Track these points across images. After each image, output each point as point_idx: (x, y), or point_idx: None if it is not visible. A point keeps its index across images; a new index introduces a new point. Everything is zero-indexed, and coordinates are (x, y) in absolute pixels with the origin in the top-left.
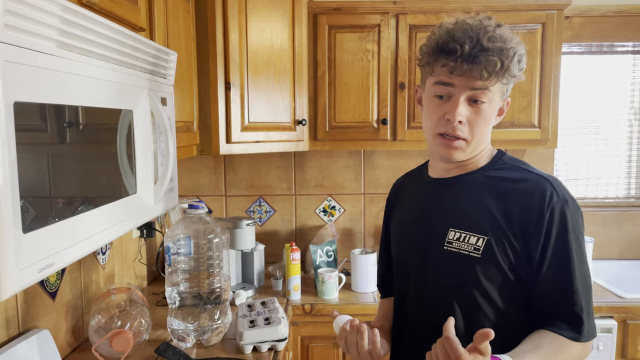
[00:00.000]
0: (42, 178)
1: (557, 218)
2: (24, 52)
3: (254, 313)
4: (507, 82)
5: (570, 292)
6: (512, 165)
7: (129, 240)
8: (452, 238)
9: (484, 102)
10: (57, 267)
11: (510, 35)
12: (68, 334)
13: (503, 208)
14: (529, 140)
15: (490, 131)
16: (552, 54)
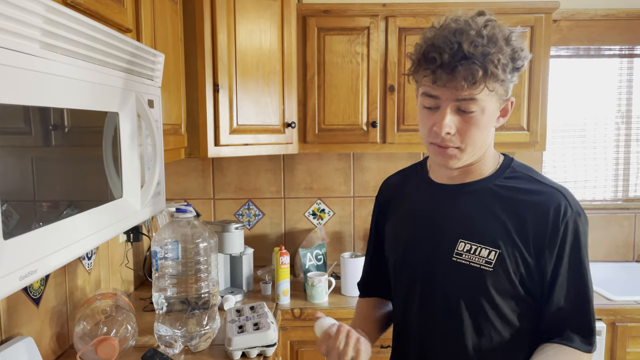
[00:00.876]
0: (25, 182)
1: (571, 232)
2: (6, 53)
3: (242, 318)
4: (501, 85)
5: (586, 304)
6: (524, 175)
7: (115, 245)
8: (461, 249)
9: (473, 111)
10: (41, 274)
11: (501, 33)
12: (52, 341)
13: (516, 221)
14: (517, 143)
15: (492, 134)
16: (540, 57)
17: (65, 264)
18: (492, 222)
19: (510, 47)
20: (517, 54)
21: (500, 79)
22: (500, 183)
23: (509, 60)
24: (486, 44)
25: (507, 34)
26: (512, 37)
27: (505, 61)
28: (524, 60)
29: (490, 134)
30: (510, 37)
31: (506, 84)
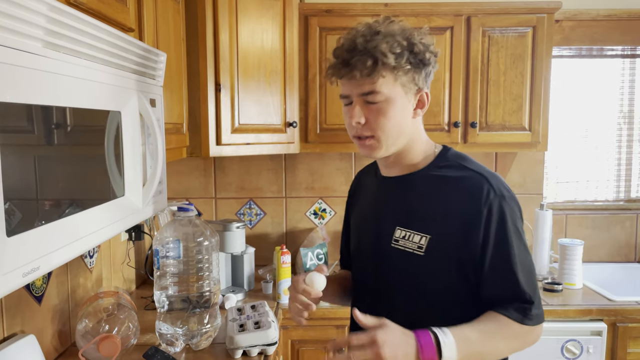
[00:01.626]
0: (28, 180)
1: (495, 213)
2: (9, 52)
3: (243, 317)
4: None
5: (514, 280)
6: (455, 163)
7: (117, 244)
8: (398, 236)
9: (379, 101)
10: (43, 271)
11: (399, 29)
12: (54, 339)
13: (444, 207)
14: (519, 144)
15: (413, 125)
16: (542, 57)
17: (67, 262)
18: (425, 209)
19: (408, 40)
20: (417, 47)
21: (393, 66)
22: (434, 173)
23: (404, 50)
24: (378, 39)
25: (407, 29)
26: (414, 33)
27: (398, 50)
28: (427, 54)
29: (408, 124)
30: (409, 32)
31: (409, 74)
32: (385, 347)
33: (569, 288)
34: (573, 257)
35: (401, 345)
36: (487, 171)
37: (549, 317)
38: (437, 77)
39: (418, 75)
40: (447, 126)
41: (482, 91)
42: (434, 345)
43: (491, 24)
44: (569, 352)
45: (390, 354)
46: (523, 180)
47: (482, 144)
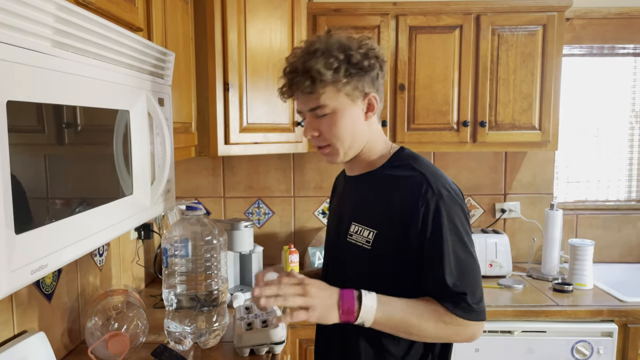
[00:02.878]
0: (38, 179)
1: (432, 211)
2: (18, 51)
3: (251, 316)
4: (344, 85)
5: (442, 278)
6: (405, 163)
7: (127, 242)
8: (352, 231)
9: (326, 113)
10: (51, 269)
11: (339, 42)
12: (64, 336)
13: (389, 204)
14: (529, 143)
15: (369, 128)
16: (552, 56)
17: (76, 260)
18: (375, 206)
19: (344, 52)
20: (354, 57)
21: (331, 81)
22: (386, 172)
23: (341, 63)
24: (314, 57)
25: (344, 42)
26: (352, 44)
27: (335, 65)
28: (366, 61)
29: (361, 129)
30: (347, 44)
31: (351, 83)
32: (312, 287)
33: (579, 289)
34: (583, 258)
35: (325, 290)
36: (432, 171)
37: (559, 317)
38: (445, 75)
39: (361, 82)
40: (456, 125)
41: (491, 90)
42: (355, 298)
43: (501, 23)
44: (579, 353)
45: (314, 293)
46: (533, 180)
47: (492, 143)
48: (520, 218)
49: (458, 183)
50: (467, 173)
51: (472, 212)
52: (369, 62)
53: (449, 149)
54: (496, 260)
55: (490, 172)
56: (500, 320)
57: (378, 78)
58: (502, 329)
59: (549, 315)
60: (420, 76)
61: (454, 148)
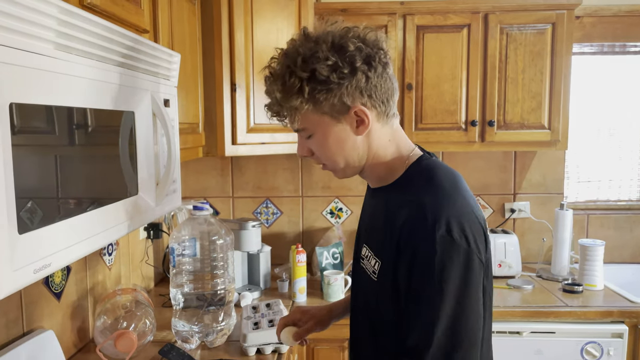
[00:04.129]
0: (43, 179)
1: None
2: (20, 54)
3: (258, 315)
4: (317, 105)
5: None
6: (417, 181)
7: (136, 242)
8: (363, 255)
9: (310, 135)
10: (54, 268)
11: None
12: (73, 335)
13: (391, 234)
14: (538, 142)
15: (369, 141)
16: (562, 54)
17: (83, 259)
18: (381, 232)
19: (307, 69)
20: (319, 73)
21: (299, 106)
22: (397, 191)
23: (304, 84)
24: (274, 82)
25: (308, 56)
26: (317, 56)
27: (297, 87)
28: (334, 74)
29: (355, 145)
30: (311, 58)
31: (324, 102)
32: None
33: (590, 289)
34: (594, 258)
35: None
36: (443, 196)
37: (569, 318)
38: (453, 75)
39: (338, 96)
40: (464, 125)
41: (500, 89)
42: None
43: (509, 21)
44: (589, 355)
45: None
46: (543, 180)
47: (500, 142)
48: (530, 218)
49: (467, 182)
50: (476, 173)
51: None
52: (340, 73)
53: (457, 148)
54: (505, 260)
55: (500, 171)
56: (508, 321)
57: (367, 81)
58: (511, 329)
59: (558, 316)
60: (428, 75)
61: (462, 148)
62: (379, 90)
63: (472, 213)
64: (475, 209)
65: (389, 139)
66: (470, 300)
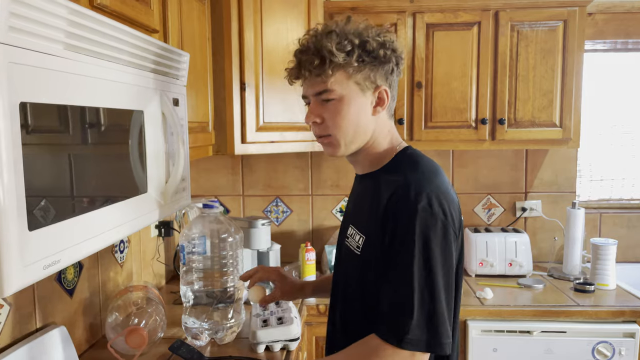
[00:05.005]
0: (54, 177)
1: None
2: (30, 54)
3: (267, 312)
4: (356, 71)
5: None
6: (402, 166)
7: (147, 239)
8: (348, 234)
9: (332, 99)
10: (64, 264)
11: (356, 28)
12: (85, 331)
13: (377, 210)
14: (550, 140)
15: (376, 123)
16: (573, 51)
17: (94, 256)
18: (367, 211)
19: (360, 37)
20: (369, 44)
21: (342, 64)
22: (384, 175)
23: (355, 47)
24: (329, 38)
25: (361, 28)
26: (369, 31)
27: (349, 48)
28: (381, 51)
29: (367, 122)
30: (364, 30)
31: (363, 71)
32: None
33: (601, 289)
34: (606, 257)
35: None
36: (424, 178)
37: (580, 317)
38: (463, 73)
39: (374, 72)
40: (474, 123)
41: (510, 87)
42: None
43: (520, 19)
44: (600, 354)
45: None
46: (555, 178)
47: (511, 140)
48: (541, 217)
49: (477, 181)
50: (487, 171)
51: (492, 210)
52: (384, 52)
53: (467, 147)
54: (516, 259)
55: (511, 170)
56: (518, 320)
57: (392, 73)
58: (521, 329)
59: (569, 315)
60: (438, 74)
61: (472, 146)
62: (394, 86)
63: (449, 194)
64: (452, 193)
65: (388, 130)
66: (442, 268)
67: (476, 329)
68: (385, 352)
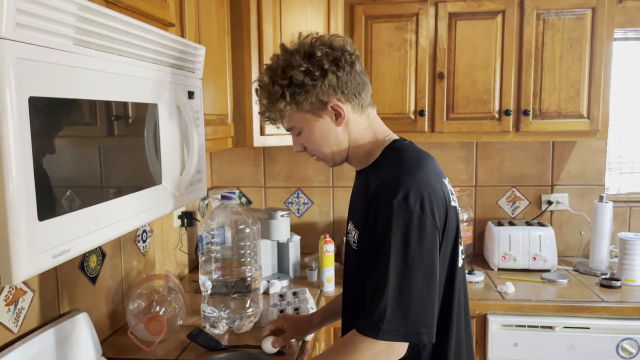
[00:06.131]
0: (66, 168)
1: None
2: (39, 50)
3: (284, 303)
4: (298, 105)
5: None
6: (388, 160)
7: (170, 229)
8: (349, 229)
9: (299, 133)
10: (74, 253)
11: (281, 66)
12: (109, 317)
13: (365, 206)
14: (576, 132)
15: (348, 131)
16: (602, 40)
17: (101, 245)
18: (358, 206)
19: (285, 75)
20: (295, 78)
21: (284, 108)
22: (371, 171)
23: (284, 89)
24: (262, 93)
25: (285, 64)
26: (291, 63)
27: (280, 92)
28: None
29: (338, 136)
30: (287, 65)
31: (304, 102)
32: None
33: (628, 284)
34: (634, 252)
35: None
36: (406, 171)
37: (604, 313)
38: (487, 63)
39: (315, 95)
40: (497, 114)
41: (535, 77)
42: None
43: (546, 7)
44: (625, 351)
45: None
46: (583, 171)
47: (536, 132)
48: (568, 210)
49: (502, 174)
50: (512, 163)
51: (517, 203)
52: (312, 76)
53: (489, 138)
54: (540, 253)
55: (537, 162)
56: (540, 315)
57: (339, 79)
58: (543, 324)
59: (593, 311)
60: (460, 64)
61: (495, 138)
62: (349, 86)
63: (430, 186)
64: (435, 185)
65: (366, 126)
66: (420, 261)
67: (496, 323)
68: (363, 344)
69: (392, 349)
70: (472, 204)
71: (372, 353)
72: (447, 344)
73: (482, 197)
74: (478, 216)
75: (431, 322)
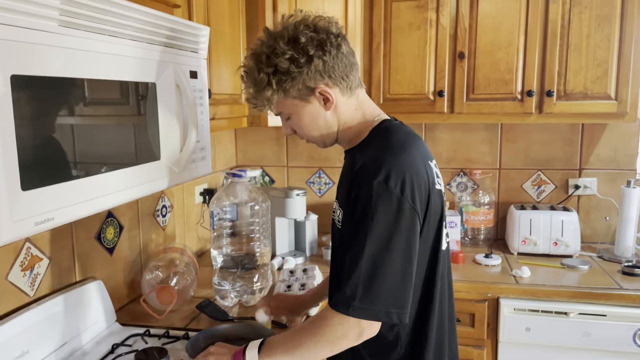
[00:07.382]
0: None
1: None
2: (21, 31)
3: (292, 278)
4: (286, 91)
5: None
6: (375, 140)
7: (192, 205)
8: (334, 208)
9: (288, 116)
10: (58, 222)
11: (266, 54)
12: (126, 286)
13: (350, 185)
14: (603, 114)
15: (337, 115)
16: (633, 18)
17: (87, 216)
18: (344, 186)
19: (270, 64)
20: (280, 65)
21: (272, 95)
22: (357, 151)
23: (270, 77)
24: (247, 80)
25: (269, 51)
26: (276, 50)
27: (265, 82)
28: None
29: (326, 119)
30: (272, 52)
31: (292, 88)
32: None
33: None
34: None
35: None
36: (390, 152)
37: (622, 301)
38: (509, 42)
39: (302, 81)
40: (519, 95)
41: (561, 57)
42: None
43: None
44: None
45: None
46: (614, 155)
47: (560, 114)
48: (595, 195)
49: (527, 157)
50: (539, 146)
51: (542, 187)
52: (297, 63)
53: (511, 119)
54: (562, 238)
55: (565, 145)
56: (555, 301)
57: (325, 64)
58: (557, 309)
59: (610, 298)
60: (482, 43)
61: (517, 119)
62: (337, 69)
63: (413, 168)
64: (418, 167)
65: (355, 108)
66: (396, 243)
67: (508, 307)
68: (333, 320)
69: (362, 326)
70: (495, 187)
71: (342, 329)
72: (427, 325)
73: (505, 180)
74: (501, 199)
75: (402, 303)
